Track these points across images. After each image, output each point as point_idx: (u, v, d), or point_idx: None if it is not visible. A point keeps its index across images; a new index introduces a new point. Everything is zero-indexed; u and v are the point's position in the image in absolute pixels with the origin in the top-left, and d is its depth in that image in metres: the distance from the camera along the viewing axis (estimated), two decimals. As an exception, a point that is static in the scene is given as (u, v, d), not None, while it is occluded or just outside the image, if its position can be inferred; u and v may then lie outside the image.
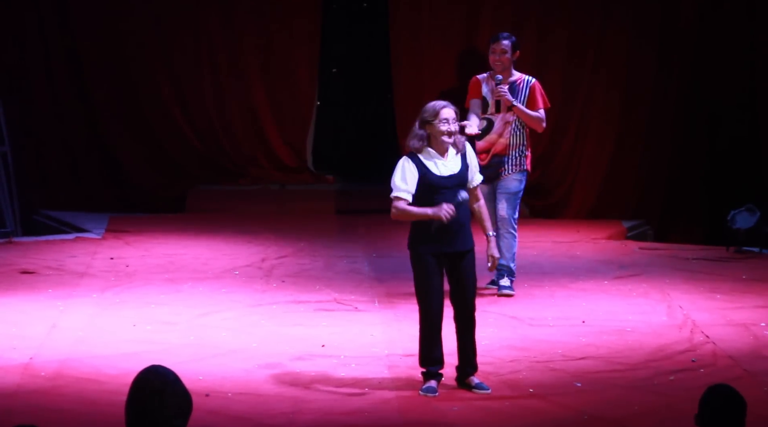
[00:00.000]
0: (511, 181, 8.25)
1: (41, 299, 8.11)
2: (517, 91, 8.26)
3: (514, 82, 8.30)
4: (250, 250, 9.86)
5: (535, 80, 8.33)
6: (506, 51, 8.26)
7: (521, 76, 8.35)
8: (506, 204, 8.22)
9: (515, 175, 8.26)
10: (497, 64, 8.26)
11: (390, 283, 8.73)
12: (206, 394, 6.15)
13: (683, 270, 9.38)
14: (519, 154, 8.27)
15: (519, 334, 7.52)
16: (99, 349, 6.98)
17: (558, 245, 10.32)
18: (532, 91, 8.26)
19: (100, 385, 6.31)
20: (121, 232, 10.47)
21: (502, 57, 8.25)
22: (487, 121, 8.28)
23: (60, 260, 9.38)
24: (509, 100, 8.18)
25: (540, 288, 8.76)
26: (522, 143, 8.29)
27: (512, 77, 8.31)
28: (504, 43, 8.27)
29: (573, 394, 6.42)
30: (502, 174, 8.25)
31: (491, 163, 8.23)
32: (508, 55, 8.26)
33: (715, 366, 6.88)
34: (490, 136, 8.25)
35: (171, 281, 8.76)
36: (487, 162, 8.19)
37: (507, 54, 8.26)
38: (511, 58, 8.29)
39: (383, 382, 6.52)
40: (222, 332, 7.44)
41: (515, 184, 8.26)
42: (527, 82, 8.30)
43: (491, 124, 8.27)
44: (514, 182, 8.25)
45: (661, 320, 7.88)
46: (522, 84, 8.29)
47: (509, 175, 8.25)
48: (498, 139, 8.25)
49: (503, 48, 8.25)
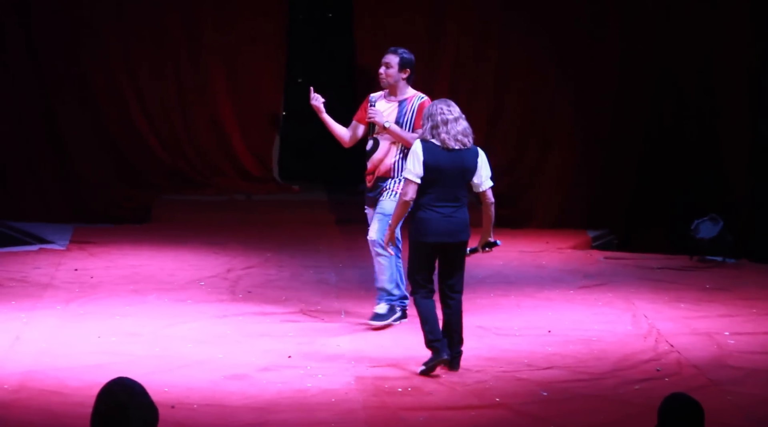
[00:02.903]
0: (388, 202, 7.62)
1: (4, 311, 8.03)
2: (404, 111, 7.67)
3: (404, 101, 7.71)
4: (216, 261, 9.82)
5: (426, 99, 7.67)
6: (391, 65, 7.67)
7: (414, 94, 7.74)
8: (378, 225, 7.61)
9: (395, 198, 7.53)
10: (381, 77, 7.73)
11: (357, 293, 8.73)
12: (172, 406, 6.11)
13: (648, 279, 9.44)
14: (401, 178, 7.43)
15: (485, 343, 7.54)
16: (63, 361, 6.92)
17: (524, 254, 10.36)
18: (419, 111, 7.59)
19: (64, 397, 6.27)
20: (86, 243, 10.40)
21: (387, 71, 7.67)
22: (373, 142, 7.76)
23: (23, 271, 9.30)
24: (379, 122, 7.64)
25: (506, 298, 8.78)
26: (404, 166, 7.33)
27: (403, 95, 7.72)
28: (391, 56, 7.70)
29: (539, 403, 6.44)
30: (383, 196, 7.69)
31: (376, 186, 7.74)
32: (393, 71, 7.66)
33: (680, 375, 6.92)
34: (374, 157, 7.73)
35: (136, 292, 8.71)
36: (372, 184, 7.75)
37: (392, 69, 7.66)
38: (398, 75, 7.68)
39: (350, 393, 6.51)
40: (188, 343, 7.41)
41: (392, 205, 7.41)
42: (417, 100, 7.70)
43: (377, 145, 7.73)
44: (392, 203, 7.45)
45: (626, 330, 7.92)
46: (411, 103, 7.70)
47: (389, 197, 7.63)
48: (382, 160, 7.70)
49: (388, 62, 7.68)
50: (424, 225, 6.75)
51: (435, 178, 6.70)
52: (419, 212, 6.78)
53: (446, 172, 6.70)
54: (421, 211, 6.78)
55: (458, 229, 6.77)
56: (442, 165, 6.70)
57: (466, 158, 6.76)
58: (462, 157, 6.74)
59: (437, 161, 6.70)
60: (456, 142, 6.72)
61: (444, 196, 6.73)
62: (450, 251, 6.81)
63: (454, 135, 6.72)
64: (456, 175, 6.72)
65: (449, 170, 6.70)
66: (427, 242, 6.75)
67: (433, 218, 6.73)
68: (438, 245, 6.76)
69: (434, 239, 6.75)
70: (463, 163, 6.74)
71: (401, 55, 7.68)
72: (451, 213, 6.74)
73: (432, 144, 6.73)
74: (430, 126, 6.76)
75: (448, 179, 6.71)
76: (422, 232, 6.76)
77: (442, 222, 6.73)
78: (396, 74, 7.67)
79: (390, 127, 7.61)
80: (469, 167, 6.76)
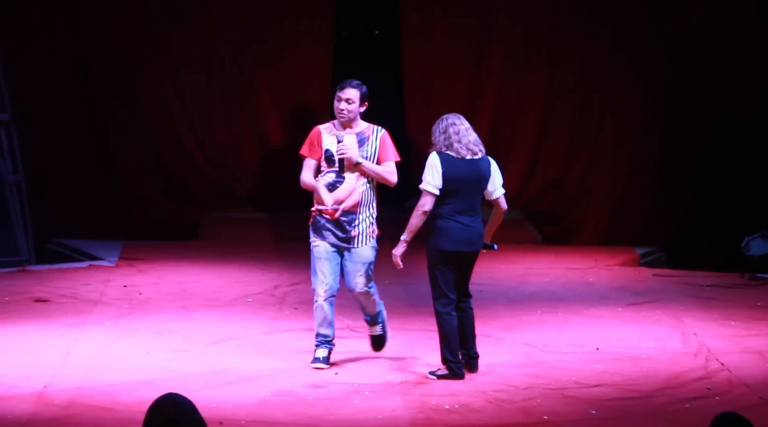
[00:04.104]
0: (367, 250, 7.11)
1: (55, 327, 8.11)
2: (365, 144, 7.12)
3: (361, 133, 7.15)
4: (263, 277, 9.86)
5: (385, 131, 7.21)
6: (353, 101, 7.07)
7: (369, 126, 7.19)
8: (364, 277, 7.11)
9: (370, 242, 7.13)
10: (342, 113, 7.09)
11: (403, 309, 8.72)
12: (220, 422, 6.13)
13: (697, 297, 9.35)
14: (370, 220, 7.13)
15: (533, 361, 7.50)
16: (113, 377, 6.97)
17: (571, 271, 10.30)
18: (382, 143, 7.13)
19: (114, 413, 6.30)
20: (134, 259, 10.49)
21: (349, 106, 7.08)
22: (335, 176, 7.13)
23: (73, 287, 9.39)
24: (353, 158, 7.04)
25: (553, 315, 8.73)
26: (371, 202, 7.15)
27: (358, 128, 7.15)
28: (351, 91, 7.09)
29: (588, 421, 6.39)
30: (356, 242, 7.09)
31: (339, 223, 7.07)
32: (354, 106, 7.08)
33: (731, 394, 6.84)
34: (338, 194, 7.09)
35: (184, 309, 8.76)
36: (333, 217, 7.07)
37: (354, 104, 7.08)
38: (359, 109, 7.12)
39: (396, 409, 6.50)
40: (235, 359, 7.43)
41: (371, 251, 7.12)
42: (376, 132, 7.16)
43: (340, 180, 7.12)
44: (370, 250, 7.12)
45: (676, 347, 7.85)
46: (371, 136, 7.15)
47: (364, 244, 7.10)
48: (350, 194, 7.09)
49: (349, 97, 7.07)
50: (446, 234, 6.92)
51: (454, 189, 6.90)
52: (439, 221, 6.95)
53: (464, 182, 6.92)
54: (441, 220, 6.93)
55: (477, 238, 7.00)
56: (460, 175, 6.91)
57: (480, 167, 6.97)
58: (477, 166, 6.96)
59: (455, 171, 6.91)
60: (469, 152, 6.94)
61: (463, 206, 6.94)
62: (467, 260, 7.04)
63: (466, 144, 6.94)
64: (473, 184, 6.95)
65: (467, 179, 6.93)
66: (450, 251, 6.93)
67: (455, 228, 6.92)
68: (459, 253, 6.96)
69: (456, 248, 6.94)
70: (478, 171, 6.96)
71: (361, 88, 7.12)
72: (470, 223, 6.95)
73: (448, 155, 6.94)
74: (444, 138, 6.95)
75: (465, 189, 6.93)
76: (444, 240, 6.92)
77: (464, 232, 6.93)
78: (357, 109, 7.11)
79: (363, 163, 7.06)
80: (484, 175, 6.98)
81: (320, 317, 7.22)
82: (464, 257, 7.00)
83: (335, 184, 7.12)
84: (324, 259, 7.09)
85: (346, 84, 7.15)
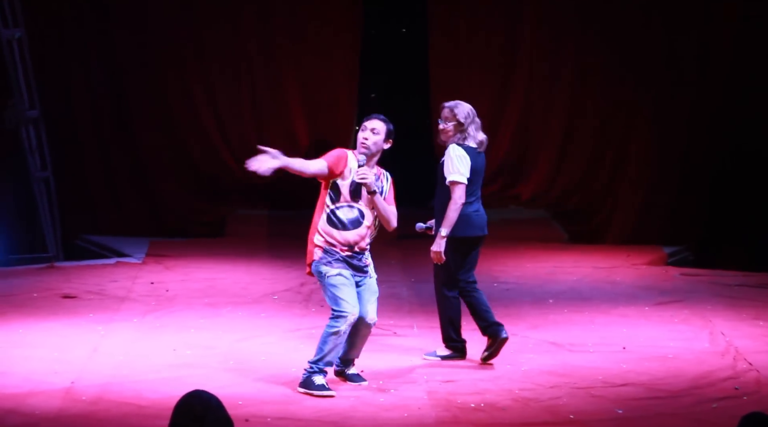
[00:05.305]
0: (375, 282, 6.90)
1: (82, 324, 8.16)
2: (378, 182, 6.81)
3: (375, 174, 6.82)
4: (289, 274, 9.88)
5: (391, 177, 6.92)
6: (378, 132, 6.74)
7: (380, 170, 6.86)
8: (375, 306, 6.89)
9: (375, 275, 6.94)
10: (364, 144, 6.72)
11: (429, 308, 8.72)
12: (246, 419, 6.15)
13: (725, 296, 9.30)
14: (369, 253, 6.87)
15: (559, 360, 7.48)
16: (140, 373, 7.00)
17: (598, 270, 10.26)
18: (391, 187, 6.87)
19: (141, 409, 6.33)
20: (161, 256, 10.53)
21: (374, 137, 6.72)
22: (358, 212, 6.78)
23: (101, 284, 9.44)
24: (371, 186, 6.67)
25: (580, 314, 8.70)
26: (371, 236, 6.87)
27: (374, 168, 6.82)
28: (378, 122, 6.76)
29: (614, 421, 6.36)
30: (369, 273, 6.86)
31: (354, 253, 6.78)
32: (379, 139, 6.73)
33: (759, 394, 6.80)
34: (359, 231, 6.75)
35: (211, 306, 8.79)
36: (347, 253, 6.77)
37: (378, 136, 6.73)
38: (382, 145, 6.77)
39: (422, 408, 6.50)
40: (262, 356, 7.45)
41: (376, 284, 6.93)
42: (386, 176, 6.88)
43: (362, 215, 6.77)
44: (377, 283, 6.94)
45: (704, 347, 7.80)
46: (382, 177, 6.85)
47: (372, 276, 6.90)
48: (368, 232, 6.79)
49: (375, 127, 6.74)
50: (468, 221, 7.24)
51: (472, 179, 7.25)
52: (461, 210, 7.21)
53: (478, 172, 7.30)
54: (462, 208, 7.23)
55: (486, 223, 7.40)
56: (478, 165, 7.29)
57: (483, 158, 7.38)
58: (483, 157, 7.37)
59: (475, 162, 7.27)
60: (480, 145, 7.32)
61: (476, 194, 7.32)
62: (481, 244, 7.41)
63: (480, 137, 7.32)
64: (481, 174, 7.35)
65: (480, 170, 7.32)
66: (474, 236, 7.29)
67: (473, 215, 7.29)
68: (480, 237, 7.34)
69: (479, 232, 7.32)
70: (484, 162, 7.38)
71: (387, 124, 6.79)
72: (478, 208, 7.35)
73: (468, 146, 7.25)
74: (470, 122, 7.24)
75: (477, 179, 7.31)
76: (469, 228, 7.25)
77: (480, 217, 7.34)
78: (381, 143, 6.76)
79: (377, 197, 6.71)
80: (484, 166, 7.38)
81: (340, 343, 6.74)
82: (481, 241, 7.39)
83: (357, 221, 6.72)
84: (349, 286, 6.71)
85: (374, 116, 6.84)
